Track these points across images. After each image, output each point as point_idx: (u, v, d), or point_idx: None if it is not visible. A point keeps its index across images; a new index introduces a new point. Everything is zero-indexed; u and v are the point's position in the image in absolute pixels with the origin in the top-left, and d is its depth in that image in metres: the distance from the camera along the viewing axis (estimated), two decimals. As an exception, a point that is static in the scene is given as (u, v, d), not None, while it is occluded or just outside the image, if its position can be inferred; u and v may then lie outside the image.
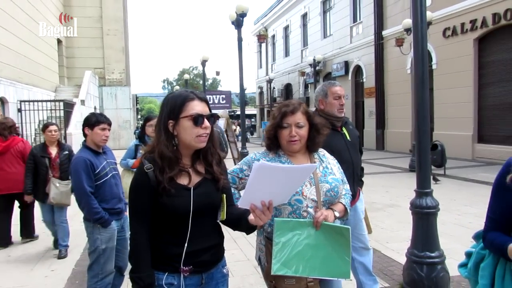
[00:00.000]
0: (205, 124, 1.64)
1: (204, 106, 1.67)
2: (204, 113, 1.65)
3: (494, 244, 1.42)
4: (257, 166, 1.48)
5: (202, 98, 1.68)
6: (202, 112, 1.65)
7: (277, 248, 1.86)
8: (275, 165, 1.65)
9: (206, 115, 1.66)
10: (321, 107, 3.10)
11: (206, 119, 1.66)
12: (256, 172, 1.50)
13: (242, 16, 9.68)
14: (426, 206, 3.47)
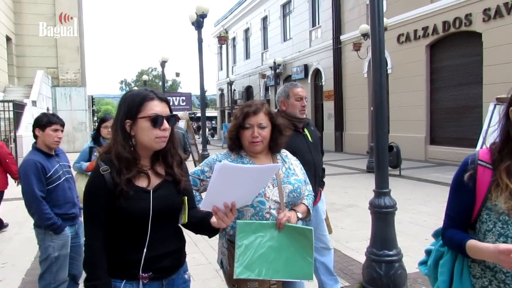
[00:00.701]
0: (165, 126, 1.58)
1: (164, 106, 1.61)
2: (163, 114, 1.59)
3: (452, 241, 1.46)
4: (219, 167, 1.44)
5: (162, 98, 1.62)
6: (162, 112, 1.58)
7: (240, 251, 1.83)
8: (237, 166, 1.61)
9: (166, 116, 1.59)
10: (283, 108, 3.10)
11: (166, 120, 1.60)
12: (218, 172, 1.46)
13: (202, 17, 9.59)
14: (384, 205, 3.56)
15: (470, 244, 1.38)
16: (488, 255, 1.32)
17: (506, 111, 1.40)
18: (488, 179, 1.40)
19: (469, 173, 1.43)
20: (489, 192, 1.39)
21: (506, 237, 1.35)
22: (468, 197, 1.44)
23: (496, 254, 1.27)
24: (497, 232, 1.37)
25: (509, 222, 1.34)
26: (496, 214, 1.37)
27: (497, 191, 1.37)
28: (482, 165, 1.43)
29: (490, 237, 1.39)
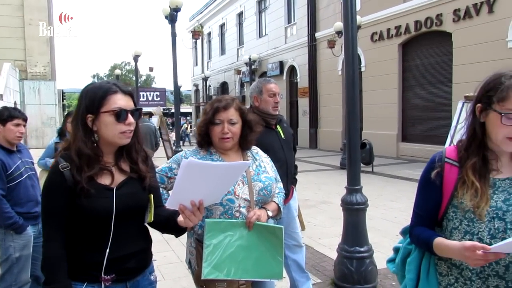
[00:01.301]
0: (129, 120, 1.51)
1: (128, 100, 1.54)
2: (128, 108, 1.52)
3: (420, 239, 1.46)
4: (185, 164, 1.39)
5: (126, 91, 1.55)
6: (126, 106, 1.51)
7: (208, 251, 1.78)
8: (204, 163, 1.57)
9: (131, 109, 1.53)
10: (255, 104, 3.07)
11: (131, 114, 1.53)
12: (184, 170, 1.41)
13: (176, 11, 9.43)
14: (356, 202, 3.58)
15: (436, 242, 1.38)
16: (454, 252, 1.32)
17: (472, 109, 1.41)
18: (455, 176, 1.40)
19: (436, 170, 1.43)
20: (455, 190, 1.39)
21: (472, 235, 1.35)
22: (435, 194, 1.44)
23: (461, 251, 1.27)
24: (463, 230, 1.38)
25: (475, 219, 1.35)
26: (462, 212, 1.38)
27: (463, 189, 1.37)
28: (449, 162, 1.43)
29: (456, 234, 1.40)
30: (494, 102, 1.33)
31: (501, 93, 1.31)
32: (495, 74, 1.37)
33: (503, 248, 1.21)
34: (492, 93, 1.34)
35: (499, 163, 1.39)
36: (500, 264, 1.31)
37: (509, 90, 1.30)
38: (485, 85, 1.38)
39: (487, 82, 1.38)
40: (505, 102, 1.30)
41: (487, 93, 1.36)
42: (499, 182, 1.38)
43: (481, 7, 11.15)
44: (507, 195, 1.35)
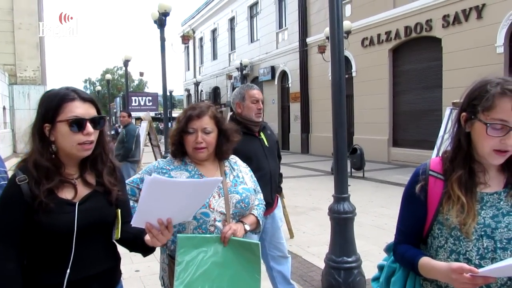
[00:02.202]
0: (88, 130, 1.40)
1: (89, 107, 1.43)
2: (87, 116, 1.41)
3: (404, 258, 1.36)
4: (148, 181, 1.29)
5: (86, 98, 1.44)
6: (85, 114, 1.40)
7: (180, 268, 1.66)
8: (170, 180, 1.46)
9: (91, 118, 1.42)
10: (238, 111, 2.97)
11: (92, 122, 1.42)
12: (148, 187, 1.30)
13: (165, 15, 9.33)
14: (343, 211, 3.48)
15: (422, 262, 1.28)
16: (440, 274, 1.22)
17: (457, 118, 1.31)
18: (440, 190, 1.30)
19: (420, 184, 1.33)
20: (440, 205, 1.29)
21: (458, 254, 1.25)
22: (419, 210, 1.34)
23: (448, 273, 1.17)
24: (449, 248, 1.28)
25: (461, 238, 1.25)
26: (448, 229, 1.28)
27: (448, 204, 1.27)
28: (433, 175, 1.33)
29: (442, 254, 1.29)
30: (479, 112, 1.23)
31: (487, 102, 1.21)
32: (480, 81, 1.28)
33: (493, 272, 1.11)
34: (477, 101, 1.24)
35: (487, 176, 1.29)
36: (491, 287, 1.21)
37: (495, 98, 1.20)
38: (470, 93, 1.28)
39: (472, 90, 1.28)
40: (490, 111, 1.21)
41: (472, 101, 1.26)
42: (487, 197, 1.28)
43: (470, 13, 11.19)
44: (496, 210, 1.26)
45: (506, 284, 1.21)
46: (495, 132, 1.20)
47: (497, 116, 1.20)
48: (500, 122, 1.19)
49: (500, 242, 1.22)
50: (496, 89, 1.20)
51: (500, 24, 10.37)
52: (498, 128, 1.20)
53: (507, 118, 1.19)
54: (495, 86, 1.21)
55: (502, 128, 1.19)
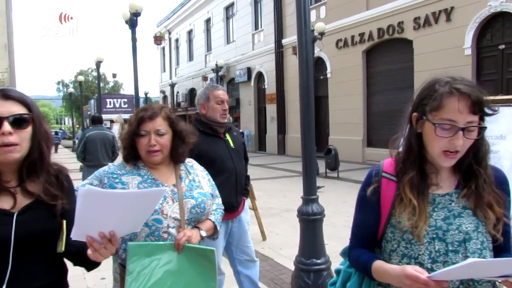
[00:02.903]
0: (3, 129, 1.26)
1: (11, 105, 1.29)
2: (5, 114, 1.27)
3: (358, 262, 1.32)
4: (82, 192, 1.20)
5: (9, 95, 1.31)
6: (3, 113, 1.27)
7: (131, 278, 1.58)
8: (106, 191, 1.38)
9: (9, 116, 1.28)
10: (202, 112, 2.89)
11: (14, 122, 1.28)
12: (82, 199, 1.22)
13: (136, 16, 9.15)
14: (312, 213, 3.45)
15: (375, 266, 1.24)
16: (393, 278, 1.18)
17: (409, 118, 1.28)
18: (392, 193, 1.27)
19: (373, 186, 1.29)
20: (393, 208, 1.26)
21: (410, 258, 1.21)
22: (372, 213, 1.30)
23: (401, 278, 1.13)
24: (401, 252, 1.24)
25: (413, 241, 1.21)
26: (400, 233, 1.24)
27: (400, 207, 1.23)
28: (386, 177, 1.30)
29: (394, 258, 1.26)
30: (428, 112, 1.20)
31: (434, 102, 1.18)
32: (430, 80, 1.25)
33: (444, 275, 1.07)
34: (426, 101, 1.21)
35: (439, 177, 1.26)
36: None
37: (443, 98, 1.17)
38: (420, 93, 1.25)
39: (422, 89, 1.25)
40: (439, 111, 1.17)
41: (421, 101, 1.23)
42: (438, 198, 1.25)
43: (440, 16, 11.43)
44: (447, 212, 1.23)
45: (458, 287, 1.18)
46: (444, 132, 1.17)
47: (445, 116, 1.17)
48: (448, 122, 1.16)
49: (452, 245, 1.19)
50: (444, 89, 1.17)
51: (468, 27, 10.63)
52: (447, 128, 1.17)
53: (455, 118, 1.16)
54: (444, 85, 1.18)
55: (451, 129, 1.16)
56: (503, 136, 2.13)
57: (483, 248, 1.19)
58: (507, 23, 10.14)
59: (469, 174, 1.24)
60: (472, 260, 1.00)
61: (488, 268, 1.07)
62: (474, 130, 1.18)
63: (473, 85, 1.18)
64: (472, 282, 1.18)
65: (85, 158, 6.67)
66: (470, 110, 1.15)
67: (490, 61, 10.59)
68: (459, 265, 1.03)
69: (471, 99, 1.14)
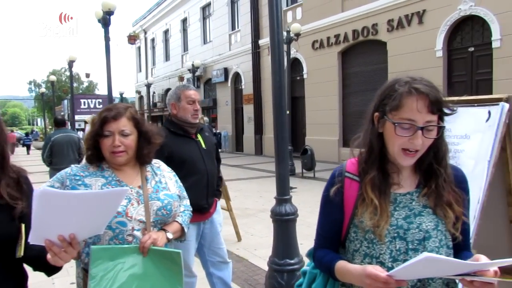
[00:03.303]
0: None
1: None
2: None
3: (322, 263, 1.32)
4: (38, 194, 1.16)
5: None
6: None
7: (94, 283, 1.53)
8: (63, 192, 1.34)
9: None
10: (173, 112, 2.85)
11: None
12: (37, 201, 1.17)
13: (109, 14, 8.98)
14: (285, 213, 3.46)
15: (338, 266, 1.24)
16: (354, 278, 1.18)
17: (370, 117, 1.29)
18: (355, 192, 1.27)
19: (336, 186, 1.29)
20: (355, 208, 1.26)
21: (372, 258, 1.22)
22: (336, 213, 1.30)
23: (362, 277, 1.13)
24: (363, 252, 1.25)
25: (375, 241, 1.22)
26: (362, 232, 1.25)
27: (363, 207, 1.24)
28: (349, 177, 1.30)
29: (357, 257, 1.26)
30: (388, 111, 1.21)
31: (394, 101, 1.19)
32: (391, 80, 1.26)
33: (402, 272, 1.08)
34: (387, 101, 1.22)
35: (400, 176, 1.27)
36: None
37: (402, 97, 1.18)
38: (381, 92, 1.26)
39: (383, 89, 1.26)
40: (398, 110, 1.19)
41: (382, 101, 1.24)
42: (400, 197, 1.26)
43: (412, 18, 11.68)
44: (408, 211, 1.24)
45: (416, 285, 1.20)
46: (403, 131, 1.18)
47: (405, 115, 1.18)
48: (407, 121, 1.18)
49: (412, 243, 1.20)
50: (404, 89, 1.19)
51: (439, 30, 10.89)
52: (406, 127, 1.18)
53: (414, 117, 1.17)
54: (403, 85, 1.20)
55: (410, 128, 1.18)
56: (468, 136, 2.17)
57: (440, 246, 1.21)
58: (476, 26, 10.45)
59: (430, 173, 1.26)
60: (426, 255, 1.01)
61: (444, 266, 1.08)
62: (433, 130, 1.20)
63: (432, 85, 1.20)
64: (427, 280, 1.20)
65: (52, 162, 6.51)
66: (429, 110, 1.16)
67: (460, 63, 10.88)
68: (414, 260, 1.03)
69: (429, 99, 1.16)
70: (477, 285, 1.08)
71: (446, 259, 1.08)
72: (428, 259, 1.00)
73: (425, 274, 1.14)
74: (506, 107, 2.04)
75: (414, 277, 1.15)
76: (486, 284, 1.07)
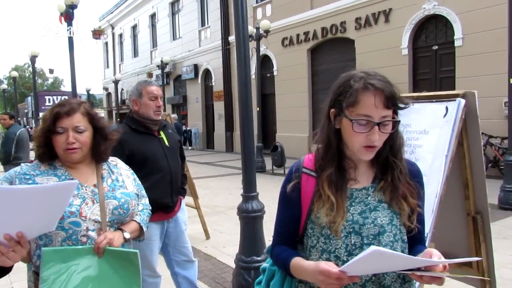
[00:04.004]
0: None
1: None
2: None
3: (279, 260, 1.31)
4: None
5: None
6: None
7: (46, 286, 1.46)
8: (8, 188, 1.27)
9: None
10: (135, 108, 2.77)
11: None
12: None
13: (72, 8, 8.69)
14: (252, 210, 3.44)
15: (293, 263, 1.23)
16: (308, 274, 1.18)
17: (327, 113, 1.28)
18: (312, 188, 1.26)
19: (293, 182, 1.28)
20: (312, 204, 1.25)
21: (329, 253, 1.22)
22: (293, 209, 1.29)
23: (315, 274, 1.13)
24: (320, 248, 1.24)
25: (331, 236, 1.22)
26: (319, 228, 1.24)
27: (319, 203, 1.23)
28: (306, 173, 1.29)
29: (314, 254, 1.25)
30: (345, 108, 1.20)
31: (350, 98, 1.18)
32: (345, 75, 1.26)
33: (353, 267, 1.07)
34: (342, 97, 1.21)
35: (357, 171, 1.28)
36: (357, 284, 1.19)
37: (358, 94, 1.17)
38: (336, 88, 1.26)
39: (337, 85, 1.26)
40: (355, 107, 1.18)
41: (338, 97, 1.24)
42: (356, 193, 1.26)
43: (379, 17, 11.91)
44: (364, 206, 1.24)
45: (371, 279, 1.20)
46: (361, 128, 1.18)
47: (361, 111, 1.17)
48: (364, 118, 1.17)
49: (367, 238, 1.20)
50: (359, 84, 1.18)
51: (405, 28, 11.16)
52: (363, 124, 1.18)
53: (371, 113, 1.17)
54: (358, 80, 1.19)
55: (367, 124, 1.18)
56: (426, 131, 2.22)
57: (395, 241, 1.22)
58: (439, 25, 10.77)
59: (386, 166, 1.27)
60: (374, 249, 1.01)
61: (393, 261, 1.09)
62: (389, 124, 1.20)
63: (386, 80, 1.20)
64: (382, 274, 1.21)
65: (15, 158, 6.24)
66: (384, 105, 1.17)
67: (425, 61, 11.18)
68: (363, 254, 1.03)
69: (384, 94, 1.16)
70: (426, 279, 1.09)
71: (394, 253, 1.09)
72: (376, 252, 1.00)
73: (376, 269, 1.14)
74: (462, 102, 2.09)
75: (366, 272, 1.15)
76: (435, 279, 1.09)
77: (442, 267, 1.08)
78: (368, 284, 1.19)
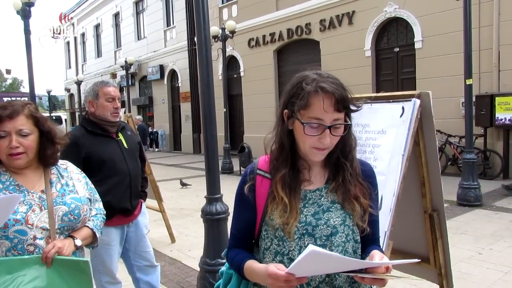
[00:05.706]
0: None
1: None
2: None
3: (233, 263, 1.29)
4: None
5: None
6: None
7: (-12, 300, 1.37)
8: None
9: None
10: (91, 110, 2.67)
11: None
12: None
13: (29, 6, 8.32)
14: (216, 212, 3.40)
15: (246, 266, 1.21)
16: (259, 277, 1.16)
17: (280, 114, 1.27)
18: (266, 190, 1.25)
19: (248, 184, 1.26)
20: (267, 206, 1.24)
21: (282, 255, 1.21)
22: (248, 212, 1.27)
23: (265, 277, 1.11)
24: (274, 250, 1.23)
25: (285, 238, 1.21)
26: (272, 230, 1.23)
27: (273, 204, 1.22)
28: (260, 174, 1.27)
29: (268, 256, 1.24)
30: (297, 110, 1.19)
31: (302, 101, 1.17)
32: (298, 76, 1.25)
33: (299, 268, 1.05)
34: (295, 99, 1.20)
35: (311, 173, 1.27)
36: (311, 285, 1.18)
37: (310, 96, 1.16)
38: (289, 90, 1.25)
39: (290, 86, 1.25)
40: (306, 110, 1.17)
41: (291, 98, 1.23)
42: (309, 194, 1.26)
43: (343, 19, 12.13)
44: (317, 207, 1.24)
45: (325, 280, 1.20)
46: (312, 131, 1.17)
47: (313, 114, 1.17)
48: (315, 121, 1.17)
49: (320, 239, 1.20)
50: (311, 87, 1.17)
51: (367, 30, 11.41)
52: (315, 127, 1.17)
53: (322, 116, 1.16)
54: (310, 83, 1.18)
55: (319, 127, 1.17)
56: (384, 131, 2.26)
57: (347, 241, 1.22)
58: (400, 28, 11.08)
59: (338, 167, 1.27)
60: (311, 248, 0.99)
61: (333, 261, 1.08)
62: (341, 127, 1.20)
63: (338, 83, 1.20)
64: (334, 275, 1.20)
65: None
66: (335, 108, 1.16)
67: (387, 62, 11.48)
68: (303, 254, 1.01)
69: (335, 97, 1.16)
70: (368, 281, 1.10)
71: (331, 254, 1.08)
72: (313, 252, 0.99)
73: (324, 270, 1.13)
74: (417, 102, 2.14)
75: (313, 273, 1.14)
76: (377, 281, 1.09)
77: (385, 269, 1.09)
78: (322, 285, 1.19)
